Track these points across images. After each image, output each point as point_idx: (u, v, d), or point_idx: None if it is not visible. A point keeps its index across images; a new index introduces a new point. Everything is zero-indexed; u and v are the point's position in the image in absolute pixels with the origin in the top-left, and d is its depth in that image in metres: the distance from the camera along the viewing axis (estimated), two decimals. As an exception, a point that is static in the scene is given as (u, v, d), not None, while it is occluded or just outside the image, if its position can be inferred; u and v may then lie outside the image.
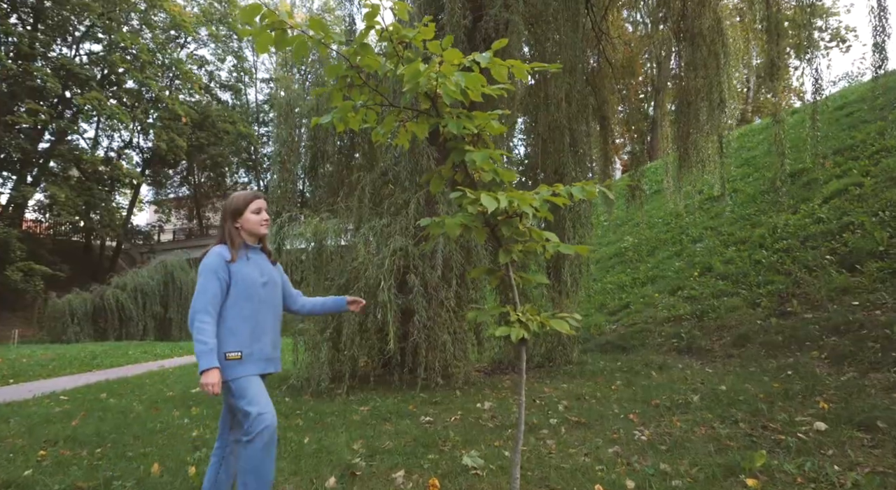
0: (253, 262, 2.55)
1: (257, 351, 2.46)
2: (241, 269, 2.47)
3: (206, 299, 2.34)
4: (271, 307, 2.58)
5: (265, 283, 2.54)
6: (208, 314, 2.34)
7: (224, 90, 34.95)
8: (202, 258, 2.50)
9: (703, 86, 7.88)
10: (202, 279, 2.39)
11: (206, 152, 31.68)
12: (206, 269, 2.41)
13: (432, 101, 2.17)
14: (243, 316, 2.43)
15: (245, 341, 2.42)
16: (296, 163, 8.03)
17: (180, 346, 16.41)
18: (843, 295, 6.93)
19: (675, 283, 10.42)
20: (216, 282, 2.39)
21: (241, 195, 2.63)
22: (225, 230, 2.56)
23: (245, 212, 2.58)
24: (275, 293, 2.62)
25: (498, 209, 2.04)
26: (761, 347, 6.58)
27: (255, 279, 2.49)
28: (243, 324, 2.43)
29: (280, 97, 8.22)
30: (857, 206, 8.96)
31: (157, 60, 27.93)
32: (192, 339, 2.35)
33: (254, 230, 2.60)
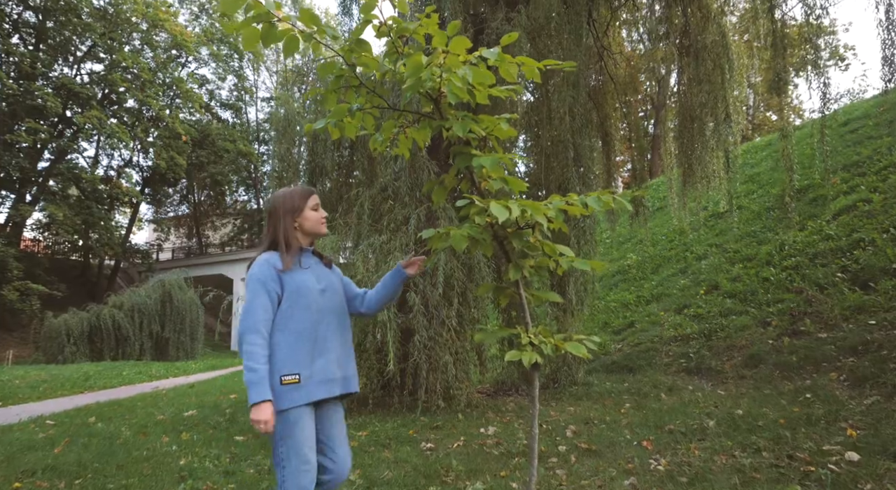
0: (307, 268, 2.19)
1: (319, 371, 2.08)
2: (294, 277, 2.11)
3: (254, 317, 1.99)
4: (334, 317, 2.20)
5: (324, 291, 2.18)
6: (258, 334, 1.98)
7: (224, 109, 35.05)
8: (249, 267, 2.16)
9: (708, 100, 7.74)
10: (249, 294, 2.06)
11: (205, 171, 31.63)
12: (254, 281, 2.06)
13: (435, 103, 1.98)
14: (300, 330, 2.07)
15: (303, 361, 2.05)
16: (293, 178, 7.87)
17: (176, 366, 16.13)
18: (857, 314, 6.71)
19: (681, 302, 10.19)
20: (265, 295, 2.03)
21: (297, 191, 2.28)
22: (279, 233, 2.18)
23: (304, 209, 2.22)
24: (336, 301, 2.25)
25: (509, 220, 1.84)
26: (775, 368, 6.34)
27: (311, 287, 2.14)
28: (301, 340, 2.06)
29: (279, 114, 8.07)
30: (866, 223, 8.78)
31: (158, 79, 28.00)
32: (241, 365, 2.09)
33: (315, 230, 2.25)
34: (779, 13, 7.77)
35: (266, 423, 1.88)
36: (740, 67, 8.76)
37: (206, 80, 33.29)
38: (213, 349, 25.26)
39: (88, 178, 24.96)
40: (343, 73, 2.00)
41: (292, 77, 9.73)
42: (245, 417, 6.43)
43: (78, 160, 27.29)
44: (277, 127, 7.92)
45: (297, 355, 2.04)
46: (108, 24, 25.38)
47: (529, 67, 1.93)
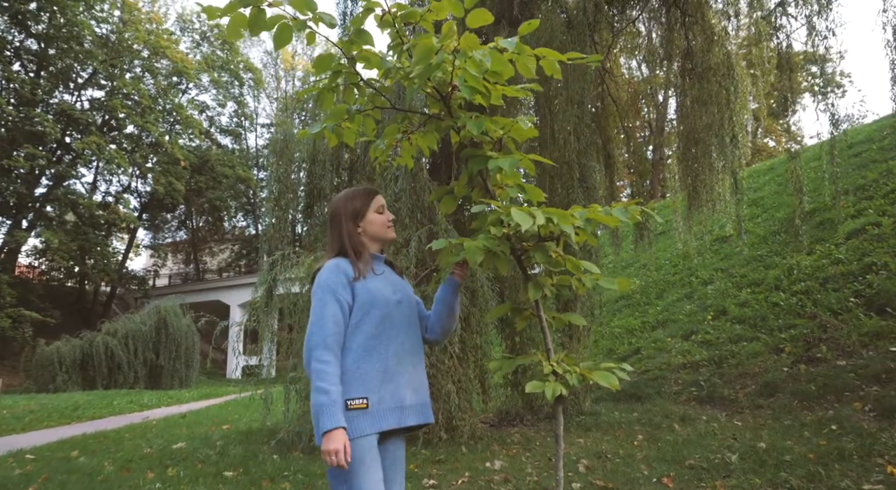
0: (381, 276, 1.92)
1: (389, 396, 1.78)
2: (367, 285, 1.84)
3: (324, 330, 1.73)
4: (409, 334, 1.91)
5: (399, 302, 1.89)
6: (328, 350, 1.71)
7: (224, 135, 35.13)
8: (314, 276, 1.92)
9: (714, 121, 7.60)
10: (317, 304, 1.78)
11: (204, 196, 31.50)
12: (323, 289, 1.80)
13: (444, 100, 1.77)
14: (371, 347, 1.79)
15: (373, 383, 1.76)
16: (291, 200, 7.67)
17: (169, 394, 15.71)
18: (876, 340, 6.45)
19: (688, 327, 9.91)
20: (336, 305, 1.77)
21: (359, 191, 2.02)
22: (343, 239, 1.92)
23: (368, 212, 1.97)
24: (412, 316, 1.95)
25: (530, 230, 1.62)
26: (792, 397, 6.05)
27: (387, 297, 1.86)
28: (371, 358, 1.78)
29: (277, 137, 7.91)
30: (877, 247, 8.57)
31: (159, 106, 28.06)
32: (310, 387, 1.72)
33: (380, 234, 1.98)
34: (783, 35, 7.70)
35: (339, 454, 1.59)
36: (744, 90, 8.66)
37: (206, 106, 33.42)
38: (208, 377, 24.77)
39: (86, 203, 24.78)
40: (341, 69, 1.79)
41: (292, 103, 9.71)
42: (236, 450, 6.10)
43: (76, 186, 27.17)
44: (275, 149, 7.74)
45: (365, 376, 1.76)
46: (110, 52, 25.50)
47: (549, 62, 1.73)
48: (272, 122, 35.13)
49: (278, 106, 34.91)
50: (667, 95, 22.84)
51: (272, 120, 35.57)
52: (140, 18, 26.78)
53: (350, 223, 1.94)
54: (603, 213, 1.71)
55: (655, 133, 24.26)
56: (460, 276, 1.97)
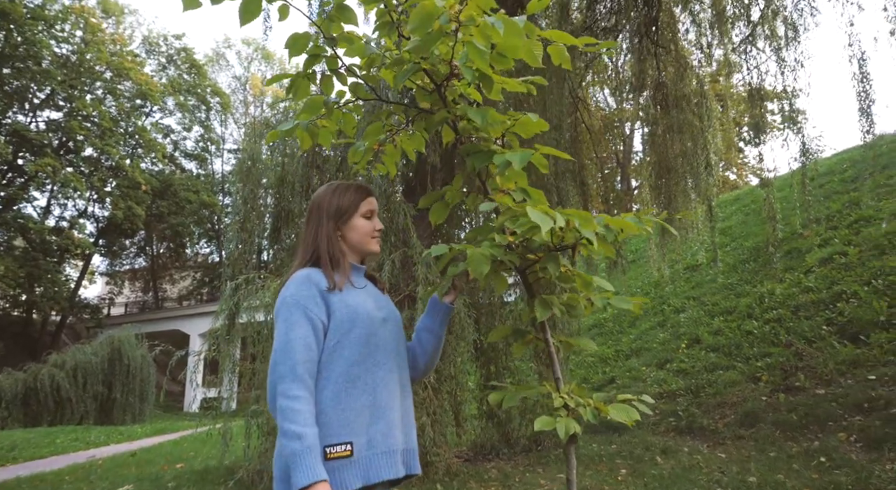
0: (362, 289, 1.59)
1: (380, 438, 1.44)
2: (346, 300, 1.50)
3: (293, 358, 1.38)
4: (398, 360, 1.57)
5: (385, 320, 1.57)
6: (300, 383, 1.36)
7: (189, 159, 34.36)
8: (279, 290, 1.57)
9: (689, 149, 7.60)
10: (283, 325, 1.43)
11: (166, 222, 30.56)
12: (290, 306, 1.45)
13: (438, 90, 1.54)
14: (355, 376, 1.45)
15: (359, 423, 1.42)
16: (257, 224, 7.33)
17: (119, 431, 14.81)
18: (853, 368, 6.39)
19: (663, 356, 9.79)
20: (307, 325, 1.42)
21: (349, 187, 1.67)
22: (320, 240, 1.59)
23: (355, 214, 1.64)
24: (399, 336, 1.62)
25: (539, 239, 1.38)
26: (774, 427, 5.90)
27: (370, 313, 1.52)
28: (356, 390, 1.43)
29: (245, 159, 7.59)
30: (845, 275, 8.65)
31: (120, 128, 27.32)
32: (278, 429, 1.35)
33: (362, 244, 1.65)
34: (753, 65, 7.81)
35: None
36: (715, 119, 8.75)
37: (170, 130, 32.71)
38: (164, 411, 23.60)
39: (37, 228, 23.72)
40: (319, 52, 1.55)
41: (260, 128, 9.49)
42: (190, 491, 5.62)
43: (27, 209, 26.05)
44: (241, 169, 7.42)
45: (349, 413, 1.41)
46: (70, 72, 24.81)
47: (558, 49, 1.52)
48: (239, 147, 34.61)
49: (246, 131, 34.46)
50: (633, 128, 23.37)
51: (240, 145, 35.05)
52: (103, 39, 26.23)
53: (331, 223, 1.62)
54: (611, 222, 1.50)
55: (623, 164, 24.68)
56: (452, 300, 1.67)
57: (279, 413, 1.34)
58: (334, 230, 1.62)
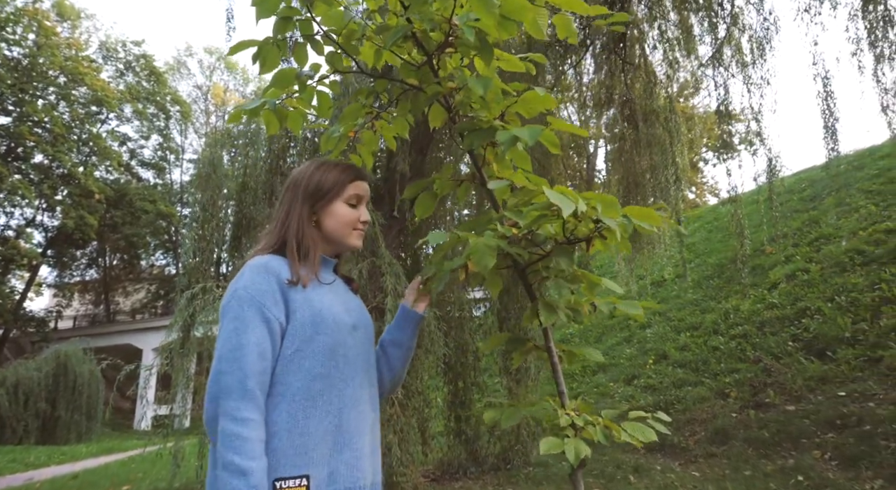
0: (331, 288, 1.33)
1: (344, 472, 1.19)
2: (310, 298, 1.24)
3: (243, 368, 1.12)
4: (368, 376, 1.33)
5: (355, 327, 1.31)
6: (250, 400, 1.11)
7: (147, 168, 33.28)
8: (232, 282, 1.27)
9: (659, 163, 7.60)
10: (231, 324, 1.16)
11: (120, 232, 29.41)
12: (241, 301, 1.18)
13: (429, 61, 1.35)
14: (317, 393, 1.19)
15: (320, 451, 1.16)
16: (215, 232, 6.98)
17: (62, 451, 13.95)
18: (822, 384, 6.40)
19: (630, 372, 9.73)
20: (262, 327, 1.16)
21: (336, 165, 1.39)
22: (289, 224, 1.32)
23: (336, 198, 1.36)
24: (370, 349, 1.37)
25: (543, 233, 1.19)
26: (747, 445, 5.83)
27: (338, 317, 1.27)
28: (317, 410, 1.18)
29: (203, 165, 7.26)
30: (808, 292, 8.76)
31: (73, 135, 26.28)
32: (216, 455, 1.09)
33: (339, 235, 1.37)
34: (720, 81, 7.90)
35: None
36: (683, 135, 8.83)
37: (127, 138, 31.63)
38: (112, 429, 22.47)
39: (-21, 237, 22.54)
40: (293, 14, 1.34)
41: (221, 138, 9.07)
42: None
43: (-31, 217, 24.74)
44: (201, 174, 7.08)
45: (308, 438, 1.15)
46: (21, 76, 23.79)
47: (565, 20, 1.34)
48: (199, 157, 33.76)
49: (207, 141, 33.68)
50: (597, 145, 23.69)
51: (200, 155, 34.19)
52: (58, 43, 25.28)
53: (306, 205, 1.34)
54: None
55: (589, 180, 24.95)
56: (423, 309, 1.45)
57: (221, 437, 1.07)
58: (309, 214, 1.35)
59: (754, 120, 7.50)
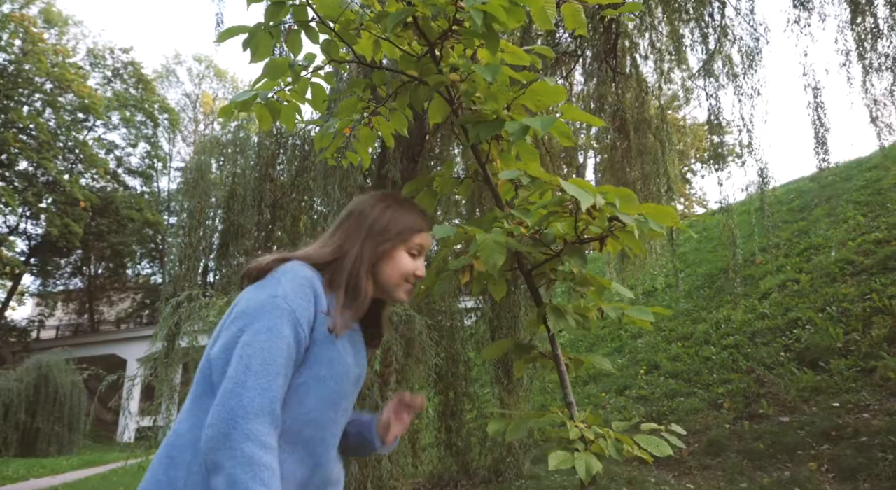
0: (350, 334, 1.18)
1: None
2: (334, 341, 1.11)
3: (273, 386, 0.98)
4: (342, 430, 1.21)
5: (357, 381, 1.23)
6: (275, 426, 0.98)
7: (134, 176, 32.95)
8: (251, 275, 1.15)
9: (651, 172, 7.59)
10: (262, 334, 1.01)
11: (105, 240, 29.06)
12: (279, 311, 1.03)
13: (431, 50, 1.27)
14: (303, 439, 1.08)
15: None
16: (203, 240, 6.86)
17: (42, 463, 13.63)
18: (815, 395, 6.36)
19: (621, 382, 9.66)
20: (293, 347, 1.04)
21: (407, 206, 1.25)
22: (345, 258, 1.18)
23: (401, 245, 1.21)
24: (352, 405, 1.27)
25: (552, 232, 1.11)
26: (741, 456, 5.76)
27: (347, 368, 1.15)
28: (295, 457, 1.06)
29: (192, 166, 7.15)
30: (799, 302, 8.76)
31: (59, 142, 25.98)
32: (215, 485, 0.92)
33: (392, 288, 1.23)
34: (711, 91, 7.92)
35: None
36: (673, 144, 8.84)
37: (114, 145, 31.31)
38: (95, 441, 22.02)
39: (-39, 245, 22.15)
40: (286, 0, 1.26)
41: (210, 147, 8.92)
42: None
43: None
44: (188, 180, 6.96)
45: (290, 477, 1.04)
46: (6, 82, 23.53)
47: (574, 10, 1.28)
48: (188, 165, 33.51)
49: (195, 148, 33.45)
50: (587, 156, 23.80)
51: (188, 162, 33.93)
52: (45, 49, 25.05)
53: (369, 243, 1.19)
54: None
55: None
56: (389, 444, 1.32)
57: (245, 465, 0.91)
58: (371, 254, 1.19)
59: (745, 130, 7.53)
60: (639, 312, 1.35)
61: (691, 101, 8.78)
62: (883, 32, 7.00)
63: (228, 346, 1.03)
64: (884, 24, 6.91)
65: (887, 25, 7.01)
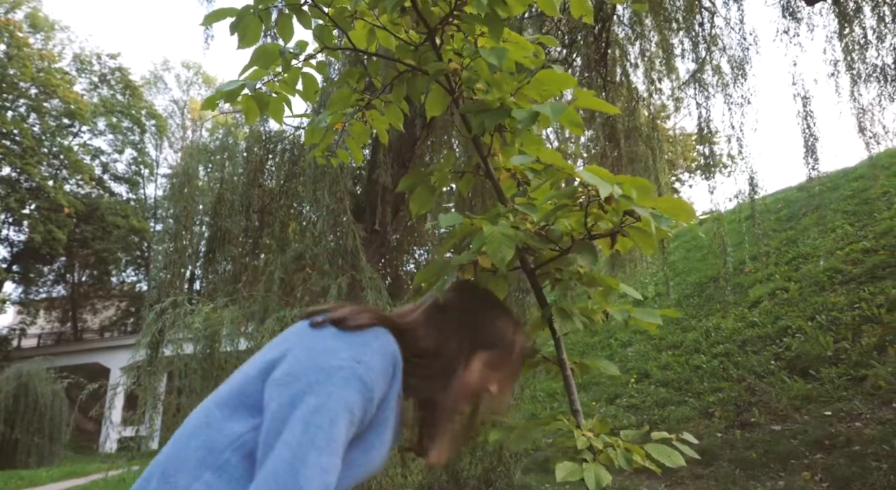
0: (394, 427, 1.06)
1: None
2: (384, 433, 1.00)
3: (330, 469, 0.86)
4: None
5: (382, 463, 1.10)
6: None
7: (120, 183, 32.59)
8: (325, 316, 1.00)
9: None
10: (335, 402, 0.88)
11: (90, 247, 28.65)
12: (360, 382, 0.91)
13: (431, 35, 1.21)
14: None
15: None
16: (188, 245, 6.75)
17: (21, 475, 13.32)
18: (807, 404, 6.34)
19: (612, 391, 9.61)
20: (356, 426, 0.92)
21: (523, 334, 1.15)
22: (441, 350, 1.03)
23: (496, 371, 1.10)
24: None
25: (559, 228, 1.05)
26: (734, 465, 5.71)
27: (384, 457, 1.04)
28: None
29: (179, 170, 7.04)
30: (788, 310, 8.77)
31: (44, 148, 25.65)
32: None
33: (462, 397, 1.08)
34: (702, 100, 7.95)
35: None
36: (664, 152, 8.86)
37: (100, 151, 30.98)
38: (76, 452, 21.58)
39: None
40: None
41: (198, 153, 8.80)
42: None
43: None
44: (174, 185, 6.85)
45: None
46: (-10, 88, 23.26)
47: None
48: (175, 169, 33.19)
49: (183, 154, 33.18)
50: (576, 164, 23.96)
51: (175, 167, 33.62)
52: (30, 54, 24.79)
53: (468, 348, 1.04)
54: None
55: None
56: None
57: None
58: (466, 361, 1.04)
59: (735, 138, 7.55)
60: (646, 315, 1.28)
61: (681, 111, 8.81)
62: (871, 42, 7.07)
63: (293, 400, 0.88)
64: (872, 35, 6.98)
65: (875, 36, 7.08)
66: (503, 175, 1.24)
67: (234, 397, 0.96)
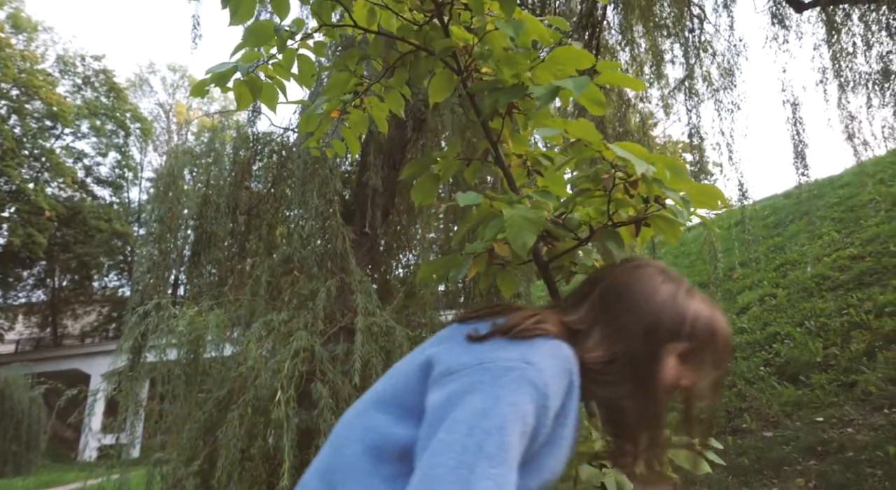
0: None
1: None
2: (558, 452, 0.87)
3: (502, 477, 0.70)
4: None
5: None
6: None
7: (103, 186, 32.13)
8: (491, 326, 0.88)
9: (633, 184, 7.56)
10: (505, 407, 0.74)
11: (71, 251, 28.16)
12: (534, 388, 0.76)
13: (438, 11, 1.13)
14: None
15: None
16: (174, 248, 6.60)
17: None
18: (798, 410, 6.32)
19: (601, 398, 9.57)
20: (527, 434, 0.77)
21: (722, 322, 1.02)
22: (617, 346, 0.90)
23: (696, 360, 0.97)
24: None
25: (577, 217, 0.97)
26: (726, 472, 5.66)
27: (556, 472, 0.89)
28: None
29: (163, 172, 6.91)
30: (776, 316, 8.80)
31: (24, 150, 25.23)
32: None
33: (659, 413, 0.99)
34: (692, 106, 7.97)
35: None
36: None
37: (83, 154, 30.55)
38: (54, 460, 21.10)
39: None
40: (274, -50, 1.11)
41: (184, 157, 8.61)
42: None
43: None
44: (159, 187, 6.71)
45: None
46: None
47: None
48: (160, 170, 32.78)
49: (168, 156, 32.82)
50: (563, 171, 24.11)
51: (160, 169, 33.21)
52: (12, 55, 24.41)
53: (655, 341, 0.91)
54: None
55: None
56: None
57: None
58: (655, 354, 0.91)
59: (725, 145, 7.57)
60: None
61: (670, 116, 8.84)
62: (858, 49, 7.14)
63: (452, 398, 0.77)
64: (860, 42, 7.04)
65: (863, 44, 7.14)
66: (514, 162, 1.16)
67: (394, 398, 0.88)
